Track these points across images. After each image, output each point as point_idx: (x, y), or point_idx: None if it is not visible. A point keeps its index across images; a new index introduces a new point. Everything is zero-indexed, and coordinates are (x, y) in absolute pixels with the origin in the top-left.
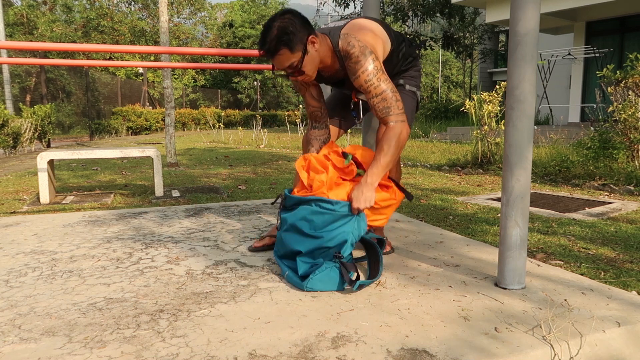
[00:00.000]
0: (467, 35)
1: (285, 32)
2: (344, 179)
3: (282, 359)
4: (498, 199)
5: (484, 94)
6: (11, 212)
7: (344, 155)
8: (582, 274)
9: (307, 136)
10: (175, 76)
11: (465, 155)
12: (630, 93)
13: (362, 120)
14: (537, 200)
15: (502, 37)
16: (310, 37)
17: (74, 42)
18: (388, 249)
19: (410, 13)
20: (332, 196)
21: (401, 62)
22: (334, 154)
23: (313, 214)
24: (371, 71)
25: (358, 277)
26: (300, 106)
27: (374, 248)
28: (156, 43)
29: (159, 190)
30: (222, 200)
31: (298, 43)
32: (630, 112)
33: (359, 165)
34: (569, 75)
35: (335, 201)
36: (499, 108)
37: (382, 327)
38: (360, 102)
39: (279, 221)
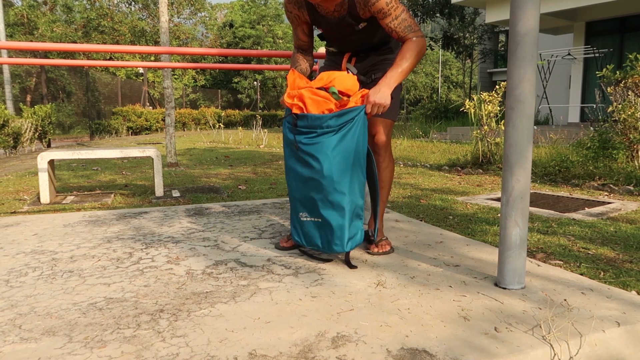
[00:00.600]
0: (467, 35)
1: None
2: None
3: (282, 359)
4: (498, 199)
5: (484, 94)
6: (11, 212)
7: (324, 90)
8: (581, 274)
9: (295, 56)
10: (176, 76)
11: (465, 155)
12: (629, 93)
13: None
14: (537, 200)
15: (502, 37)
16: None
17: (74, 42)
18: (387, 248)
19: (410, 13)
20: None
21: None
22: (309, 92)
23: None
24: None
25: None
26: None
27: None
28: (156, 43)
29: (159, 190)
30: (222, 200)
31: None
32: (629, 112)
33: (343, 94)
34: (568, 75)
35: (354, 108)
36: (499, 108)
37: (382, 327)
38: (348, 71)
39: (295, 143)
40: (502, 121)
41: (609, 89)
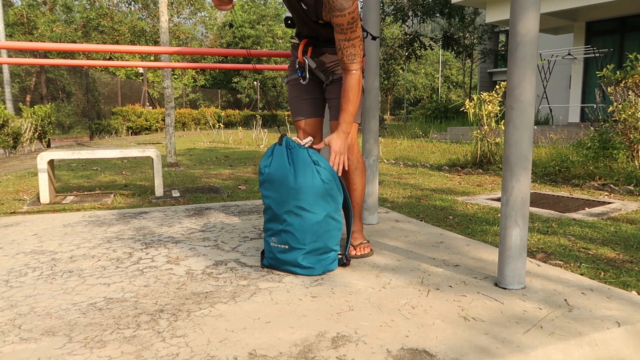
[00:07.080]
0: (467, 35)
1: None
2: None
3: (282, 359)
4: (498, 199)
5: (484, 94)
6: (11, 212)
7: None
8: (582, 274)
9: None
10: (175, 76)
11: (465, 155)
12: (630, 93)
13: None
14: (537, 200)
15: (502, 37)
16: None
17: (74, 42)
18: (367, 250)
19: (410, 13)
20: None
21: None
22: None
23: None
24: (356, 15)
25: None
26: None
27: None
28: (156, 43)
29: (159, 191)
30: (222, 200)
31: None
32: (630, 112)
33: None
34: (569, 75)
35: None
36: (499, 108)
37: (382, 327)
38: (307, 62)
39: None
40: (502, 121)
41: (609, 88)
